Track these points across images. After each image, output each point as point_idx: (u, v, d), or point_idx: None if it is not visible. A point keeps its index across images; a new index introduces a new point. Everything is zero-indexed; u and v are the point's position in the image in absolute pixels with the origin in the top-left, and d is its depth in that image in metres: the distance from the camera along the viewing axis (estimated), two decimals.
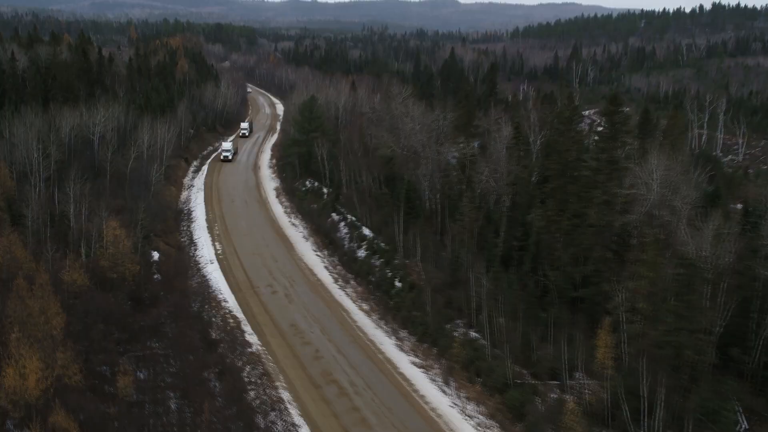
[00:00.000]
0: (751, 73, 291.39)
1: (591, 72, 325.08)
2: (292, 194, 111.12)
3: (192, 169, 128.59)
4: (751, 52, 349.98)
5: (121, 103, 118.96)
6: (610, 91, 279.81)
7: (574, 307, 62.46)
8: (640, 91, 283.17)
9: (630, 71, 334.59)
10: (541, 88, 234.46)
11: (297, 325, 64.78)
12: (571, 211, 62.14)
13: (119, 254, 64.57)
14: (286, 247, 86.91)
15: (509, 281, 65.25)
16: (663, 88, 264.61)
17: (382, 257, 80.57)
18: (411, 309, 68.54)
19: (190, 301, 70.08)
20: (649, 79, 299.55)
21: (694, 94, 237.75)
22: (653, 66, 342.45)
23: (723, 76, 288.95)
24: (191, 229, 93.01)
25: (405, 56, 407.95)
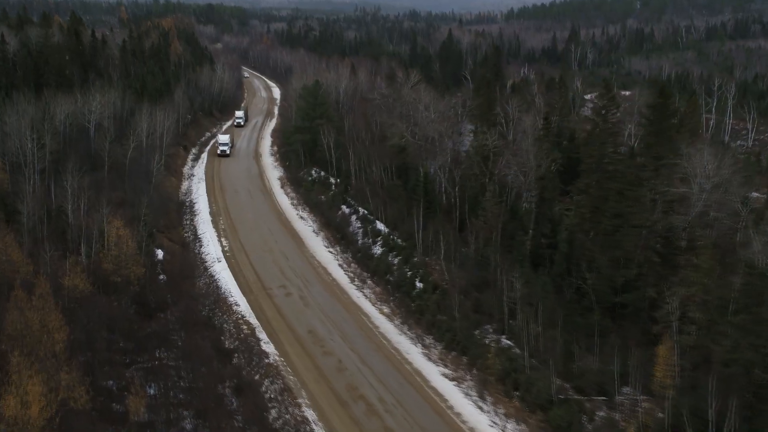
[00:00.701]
0: (753, 55, 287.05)
1: (590, 54, 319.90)
2: (297, 184, 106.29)
3: (191, 157, 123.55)
4: (751, 35, 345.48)
5: (116, 88, 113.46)
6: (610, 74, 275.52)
7: (613, 313, 58.26)
8: (641, 74, 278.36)
9: (629, 54, 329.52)
10: (544, 71, 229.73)
11: (315, 331, 60.31)
12: (612, 209, 57.67)
13: (123, 256, 59.81)
14: (296, 243, 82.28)
15: (543, 284, 60.93)
16: (666, 71, 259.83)
17: (400, 255, 76.06)
18: (435, 313, 64.18)
19: (199, 304, 65.52)
20: (649, 62, 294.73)
21: (699, 77, 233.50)
22: (653, 48, 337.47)
23: (725, 59, 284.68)
24: (195, 223, 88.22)
25: (399, 38, 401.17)
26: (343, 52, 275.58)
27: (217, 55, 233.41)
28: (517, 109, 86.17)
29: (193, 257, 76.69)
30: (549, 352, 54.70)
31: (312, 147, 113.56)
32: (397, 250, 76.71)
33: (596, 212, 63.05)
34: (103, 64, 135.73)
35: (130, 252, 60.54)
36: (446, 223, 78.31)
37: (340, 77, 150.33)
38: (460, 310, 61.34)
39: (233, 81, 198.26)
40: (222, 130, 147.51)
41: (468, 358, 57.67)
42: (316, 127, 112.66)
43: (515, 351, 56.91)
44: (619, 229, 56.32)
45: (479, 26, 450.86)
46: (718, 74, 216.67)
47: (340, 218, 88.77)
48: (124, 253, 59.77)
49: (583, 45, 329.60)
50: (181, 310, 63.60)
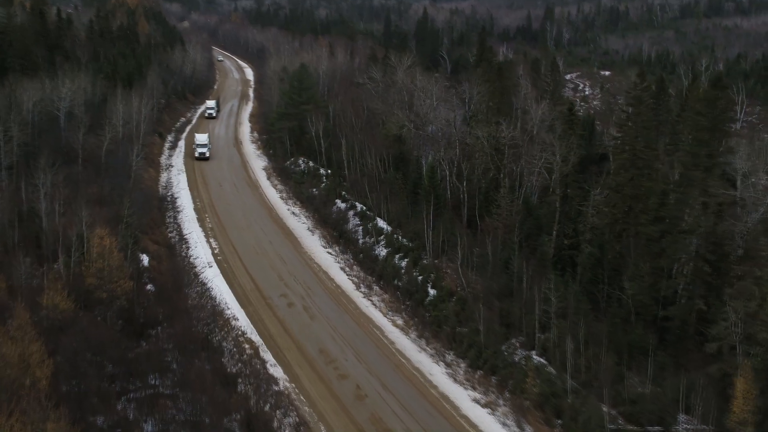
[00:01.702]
0: (731, 34, 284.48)
1: (566, 33, 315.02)
2: (285, 176, 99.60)
3: (167, 146, 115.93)
4: (725, 12, 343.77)
5: (87, 72, 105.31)
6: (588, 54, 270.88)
7: (653, 326, 52.98)
8: (618, 53, 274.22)
9: (605, 32, 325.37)
10: (524, 51, 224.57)
11: (326, 349, 54.27)
12: (653, 212, 52.24)
13: (109, 269, 53.04)
14: (291, 243, 75.92)
15: (575, 294, 55.42)
16: (645, 50, 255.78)
17: (407, 256, 70.12)
18: (455, 324, 58.52)
19: (193, 319, 58.98)
20: (625, 40, 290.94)
21: (680, 57, 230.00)
22: (628, 27, 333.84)
23: (703, 38, 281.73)
24: (179, 221, 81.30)
25: (370, 16, 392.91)
26: (314, 30, 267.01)
27: (186, 34, 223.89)
28: (526, 96, 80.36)
29: (180, 262, 69.96)
30: (590, 372, 49.37)
31: (299, 135, 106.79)
32: (404, 252, 70.76)
33: (631, 213, 57.66)
34: (69, 46, 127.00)
35: (116, 263, 53.67)
36: (454, 221, 72.57)
37: (319, 59, 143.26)
38: (486, 325, 55.56)
39: (205, 62, 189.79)
40: (197, 119, 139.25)
41: (498, 378, 52.18)
42: (303, 114, 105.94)
43: (550, 371, 51.43)
44: (665, 234, 50.82)
45: (450, 3, 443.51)
46: (703, 54, 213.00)
47: (336, 214, 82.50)
48: (109, 266, 52.90)
49: (558, 23, 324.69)
50: (173, 326, 57.11)
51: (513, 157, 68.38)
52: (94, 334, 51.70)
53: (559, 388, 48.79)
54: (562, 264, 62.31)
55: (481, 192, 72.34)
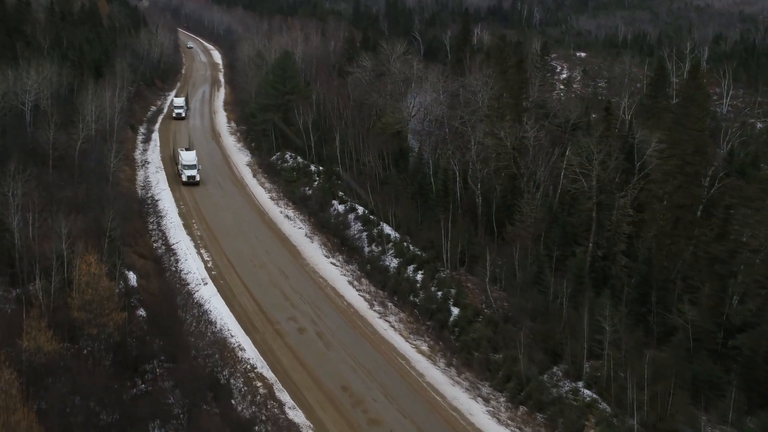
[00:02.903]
0: (704, 14, 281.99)
1: (537, 14, 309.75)
2: (272, 173, 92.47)
3: (140, 138, 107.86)
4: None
5: (51, 60, 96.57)
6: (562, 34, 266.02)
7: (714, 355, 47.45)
8: (591, 33, 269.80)
9: (575, 12, 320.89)
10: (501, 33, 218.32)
11: (350, 386, 47.95)
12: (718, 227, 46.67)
13: (99, 300, 45.92)
14: (290, 253, 69.23)
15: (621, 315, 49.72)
16: (621, 31, 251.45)
17: (421, 268, 63.93)
18: (487, 350, 52.55)
19: (193, 349, 52.22)
20: (597, 21, 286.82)
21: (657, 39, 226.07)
22: (598, 6, 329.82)
23: (676, 18, 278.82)
24: (163, 227, 73.97)
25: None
26: (281, 11, 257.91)
27: (148, 15, 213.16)
28: (539, 86, 74.34)
29: (171, 278, 62.88)
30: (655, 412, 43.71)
31: (284, 127, 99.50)
32: (417, 263, 64.55)
33: (679, 226, 52.13)
34: (30, 31, 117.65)
35: (107, 293, 46.53)
36: (469, 228, 66.47)
37: (294, 42, 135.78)
38: (524, 350, 49.65)
39: (172, 45, 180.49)
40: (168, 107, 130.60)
41: (545, 417, 46.36)
42: (288, 104, 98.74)
43: (605, 408, 45.72)
44: (735, 254, 45.27)
45: None
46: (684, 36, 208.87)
47: (335, 218, 75.85)
48: (99, 296, 45.77)
49: (529, 3, 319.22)
50: (172, 359, 50.30)
51: (538, 159, 62.28)
52: (84, 378, 44.89)
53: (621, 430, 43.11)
54: (596, 277, 56.87)
55: (497, 197, 66.29)
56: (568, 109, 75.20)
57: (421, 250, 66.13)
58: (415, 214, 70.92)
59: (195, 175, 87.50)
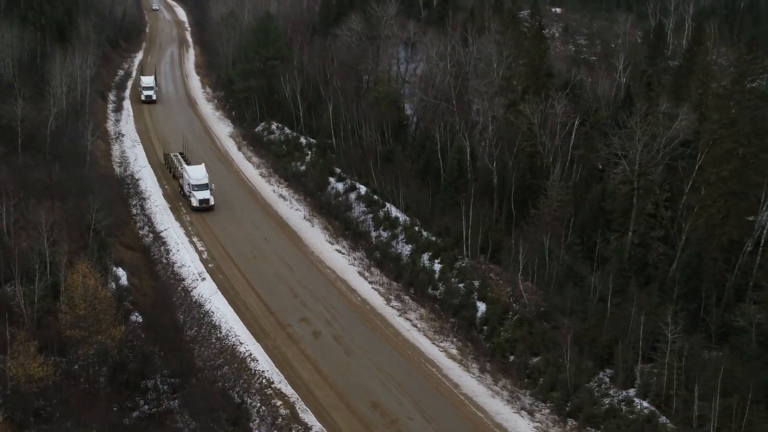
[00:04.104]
0: None
1: None
2: (258, 145, 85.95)
3: (111, 107, 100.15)
4: None
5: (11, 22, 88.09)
6: None
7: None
8: None
9: None
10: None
11: (380, 402, 42.85)
12: None
13: (95, 315, 39.94)
14: (291, 240, 63.50)
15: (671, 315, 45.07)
16: None
17: (438, 257, 58.70)
18: (524, 353, 47.77)
19: (197, 360, 46.64)
20: None
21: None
22: None
23: None
24: (148, 212, 67.57)
25: None
26: None
27: None
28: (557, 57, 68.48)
29: (163, 273, 56.83)
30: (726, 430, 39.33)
31: (268, 95, 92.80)
32: (433, 251, 59.26)
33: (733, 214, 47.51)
34: None
35: (104, 306, 40.53)
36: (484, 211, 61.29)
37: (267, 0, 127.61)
38: (571, 357, 44.90)
39: (134, 2, 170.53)
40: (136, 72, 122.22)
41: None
42: (272, 70, 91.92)
43: (665, 423, 41.26)
44: None
45: None
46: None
47: (335, 198, 70.03)
48: (96, 311, 39.75)
49: None
50: (175, 373, 44.70)
51: (567, 137, 57.10)
52: (81, 403, 39.29)
53: None
54: (633, 266, 52.24)
55: (516, 177, 61.02)
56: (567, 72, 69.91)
57: (435, 236, 60.85)
58: (425, 196, 65.45)
59: (209, 198, 68.13)
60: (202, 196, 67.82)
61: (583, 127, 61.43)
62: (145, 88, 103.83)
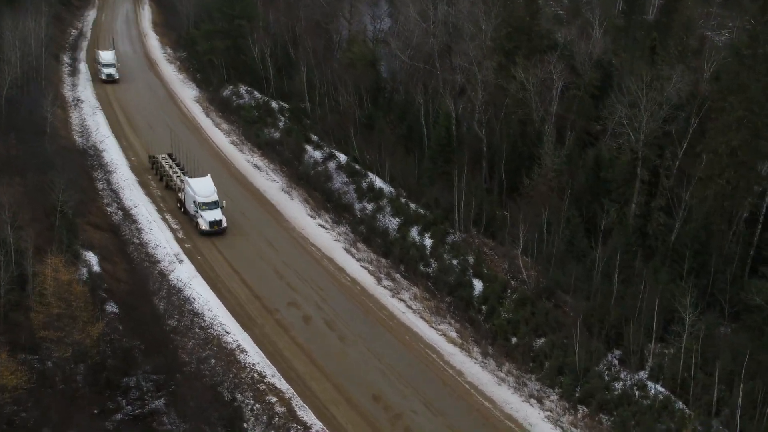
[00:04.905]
0: None
1: None
2: (227, 110, 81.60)
3: (66, 70, 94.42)
4: None
5: None
6: None
7: None
8: None
9: None
10: None
11: (382, 395, 40.22)
12: None
13: (71, 313, 36.36)
14: (270, 215, 60.12)
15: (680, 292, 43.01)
16: None
17: (428, 230, 55.88)
18: (528, 335, 45.39)
19: (181, 352, 43.34)
20: None
21: None
22: None
23: None
24: (115, 186, 63.38)
25: None
26: None
27: None
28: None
29: (136, 254, 53.04)
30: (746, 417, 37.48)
31: (235, 56, 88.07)
32: (422, 224, 56.41)
33: (741, 186, 45.34)
34: None
35: (81, 303, 36.93)
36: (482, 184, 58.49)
37: None
38: (580, 342, 42.59)
39: None
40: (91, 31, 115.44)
41: (612, 421, 39.67)
42: (239, 30, 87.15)
43: (681, 409, 39.36)
44: None
45: None
46: None
47: (313, 167, 66.48)
48: (72, 309, 36.18)
49: None
50: (159, 369, 41.43)
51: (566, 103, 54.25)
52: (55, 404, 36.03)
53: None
54: (637, 240, 50.02)
55: (507, 145, 58.13)
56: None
57: (424, 208, 57.93)
58: (410, 165, 62.37)
59: (221, 219, 56.29)
60: (213, 216, 55.93)
61: (576, 92, 58.61)
62: (105, 66, 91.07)
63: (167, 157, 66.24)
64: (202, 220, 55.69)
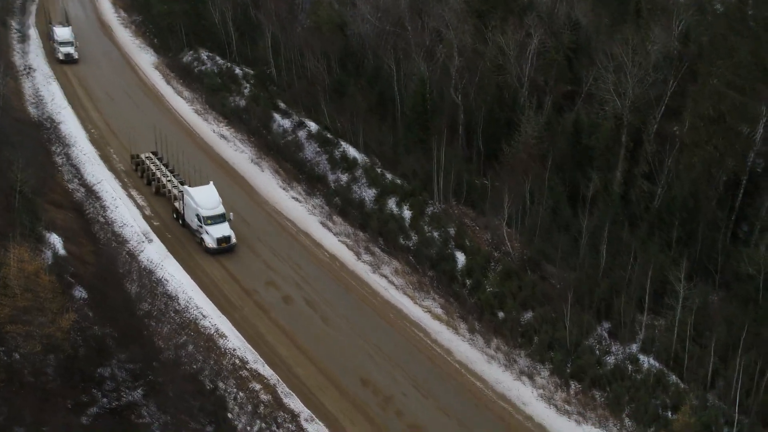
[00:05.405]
0: None
1: None
2: (188, 77, 78.37)
3: (15, 36, 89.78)
4: None
5: None
6: None
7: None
8: None
9: None
10: None
11: (370, 379, 38.84)
12: None
13: (41, 303, 34.09)
14: (241, 188, 57.96)
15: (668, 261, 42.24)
16: None
17: (405, 201, 54.19)
18: (515, 310, 44.22)
19: (157, 339, 41.31)
20: None
21: None
22: None
23: None
24: (75, 161, 60.36)
25: None
26: None
27: None
28: None
29: (102, 234, 50.52)
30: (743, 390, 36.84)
31: (194, 20, 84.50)
32: (400, 195, 54.69)
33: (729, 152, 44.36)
34: None
35: (49, 294, 34.64)
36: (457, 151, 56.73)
37: None
38: (563, 308, 41.56)
39: None
40: None
41: (606, 397, 38.94)
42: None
43: (675, 383, 38.65)
44: None
45: None
46: None
47: (282, 137, 64.14)
48: (41, 301, 33.90)
49: None
50: (134, 357, 39.39)
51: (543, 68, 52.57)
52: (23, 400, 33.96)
53: (712, 417, 36.17)
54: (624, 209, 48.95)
55: (484, 112, 56.46)
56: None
57: (401, 178, 56.15)
58: (385, 133, 60.39)
59: (229, 235, 49.21)
60: (221, 232, 48.41)
61: (555, 55, 56.89)
62: (62, 44, 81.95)
63: (152, 156, 58.74)
64: (208, 237, 48.57)
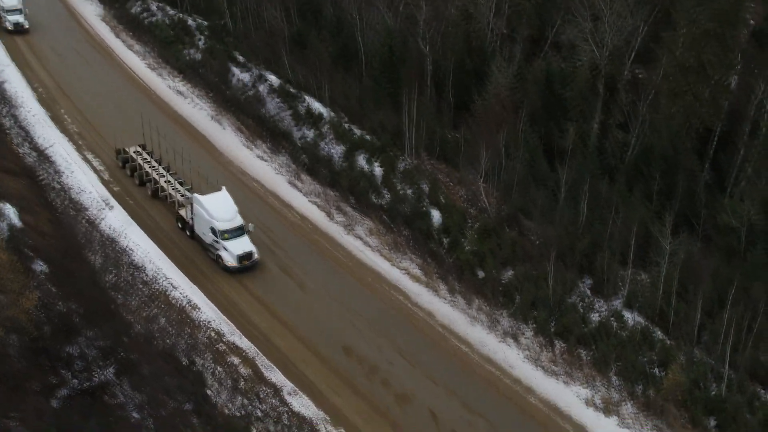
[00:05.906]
0: None
1: None
2: (138, 30, 74.57)
3: None
4: None
5: None
6: None
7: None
8: None
9: None
10: None
11: (352, 347, 37.66)
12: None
13: (1, 284, 31.95)
14: (203, 148, 55.48)
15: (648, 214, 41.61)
16: None
17: (375, 156, 52.51)
18: (495, 268, 43.24)
19: (125, 313, 39.37)
20: None
21: None
22: None
23: None
24: (24, 123, 56.98)
25: None
26: None
27: None
28: None
29: (58, 201, 47.87)
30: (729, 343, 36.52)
31: None
32: (368, 150, 52.94)
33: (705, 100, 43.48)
34: None
35: (8, 273, 32.42)
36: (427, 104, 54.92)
37: None
38: (554, 274, 40.70)
39: None
40: None
41: (592, 356, 38.35)
42: None
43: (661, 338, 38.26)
44: None
45: None
46: None
47: (242, 92, 61.58)
48: (1, 279, 31.72)
49: None
50: (103, 334, 37.46)
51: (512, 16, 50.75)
52: None
53: (700, 373, 35.85)
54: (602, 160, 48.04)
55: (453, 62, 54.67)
56: None
57: (370, 133, 54.29)
58: (351, 86, 58.21)
59: (251, 251, 42.81)
60: (242, 248, 42.11)
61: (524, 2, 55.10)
62: (9, 11, 73.26)
63: (141, 151, 51.74)
64: (226, 254, 42.08)
